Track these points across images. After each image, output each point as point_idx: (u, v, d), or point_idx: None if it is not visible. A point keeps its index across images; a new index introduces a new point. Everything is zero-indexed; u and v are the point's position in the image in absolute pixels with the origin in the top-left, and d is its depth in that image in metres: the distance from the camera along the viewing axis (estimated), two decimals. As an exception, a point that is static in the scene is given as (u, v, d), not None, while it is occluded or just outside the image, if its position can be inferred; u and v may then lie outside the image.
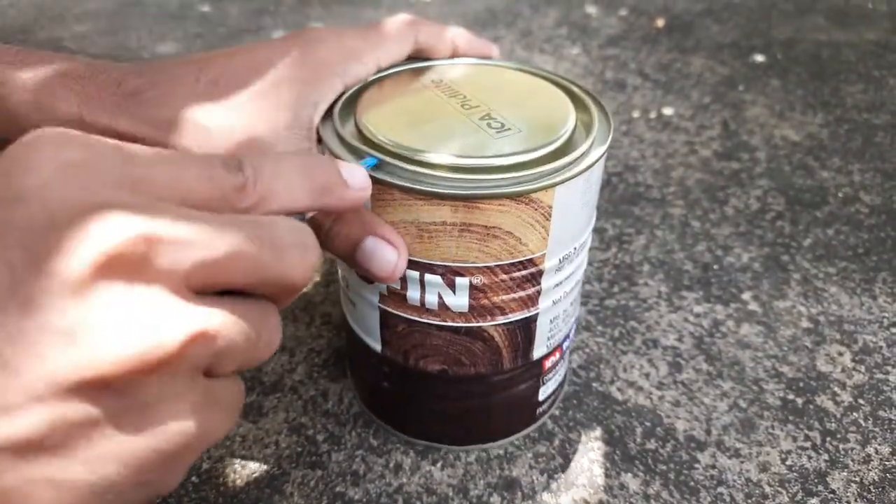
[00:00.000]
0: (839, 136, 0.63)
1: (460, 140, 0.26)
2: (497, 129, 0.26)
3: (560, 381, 0.35)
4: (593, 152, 0.26)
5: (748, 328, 0.42)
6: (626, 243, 0.49)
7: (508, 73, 0.32)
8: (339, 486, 0.32)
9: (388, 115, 0.27)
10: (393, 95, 0.30)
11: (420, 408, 0.33)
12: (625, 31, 0.89)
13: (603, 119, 0.28)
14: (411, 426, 0.34)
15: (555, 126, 0.27)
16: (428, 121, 0.27)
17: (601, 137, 0.27)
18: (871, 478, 0.33)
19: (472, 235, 0.25)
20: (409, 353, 0.30)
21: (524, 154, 0.25)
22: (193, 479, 0.32)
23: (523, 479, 0.33)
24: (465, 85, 0.30)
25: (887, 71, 0.77)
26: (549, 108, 0.29)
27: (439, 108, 0.28)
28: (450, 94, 0.29)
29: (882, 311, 0.43)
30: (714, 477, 0.33)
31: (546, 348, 0.31)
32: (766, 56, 0.81)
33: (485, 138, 0.26)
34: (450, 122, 0.27)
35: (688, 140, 0.63)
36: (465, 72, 0.32)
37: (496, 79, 0.32)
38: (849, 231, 0.50)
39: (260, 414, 0.36)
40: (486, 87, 0.30)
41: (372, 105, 0.28)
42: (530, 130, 0.27)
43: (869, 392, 0.37)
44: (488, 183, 0.24)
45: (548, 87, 0.31)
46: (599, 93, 0.72)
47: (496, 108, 0.28)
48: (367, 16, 0.93)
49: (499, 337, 0.29)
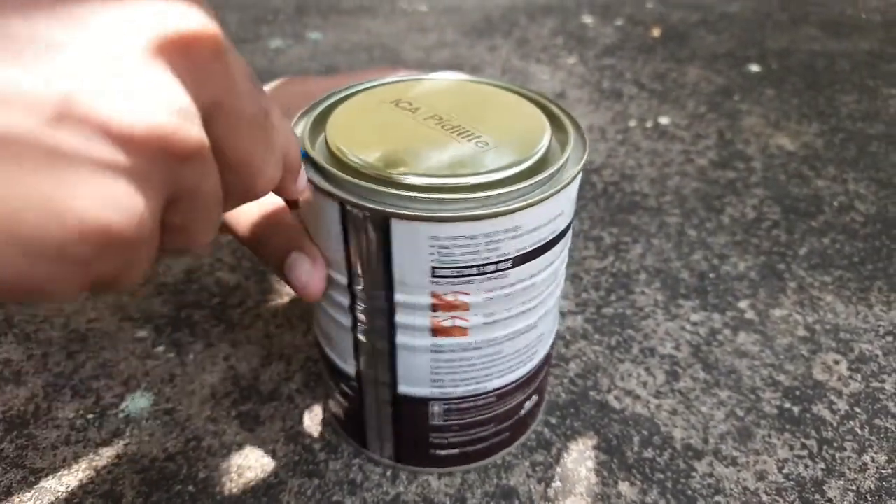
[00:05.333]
0: (834, 146, 0.64)
1: (430, 157, 0.25)
2: (471, 146, 0.26)
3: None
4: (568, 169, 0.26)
5: (745, 337, 0.42)
6: (623, 252, 0.49)
7: (483, 89, 0.31)
8: (336, 496, 0.32)
9: (359, 134, 0.27)
10: (364, 113, 0.28)
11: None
12: (621, 41, 0.89)
13: (578, 139, 0.27)
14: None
15: (530, 143, 0.26)
16: (399, 139, 0.26)
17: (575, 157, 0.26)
18: (868, 486, 0.33)
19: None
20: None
21: (495, 172, 0.24)
22: (190, 487, 0.32)
23: (521, 489, 0.32)
24: (437, 101, 0.29)
25: (881, 80, 0.77)
26: (524, 125, 0.27)
27: (409, 125, 0.27)
28: (420, 110, 0.28)
29: (878, 320, 0.43)
30: (711, 486, 0.33)
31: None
32: (762, 66, 0.82)
33: (457, 155, 0.25)
34: (420, 139, 0.26)
35: (684, 149, 0.63)
36: (436, 87, 0.31)
37: (470, 96, 0.30)
38: (844, 240, 0.51)
39: (257, 423, 0.36)
40: (460, 104, 0.29)
41: (341, 123, 0.27)
42: (503, 147, 0.26)
43: (865, 401, 0.37)
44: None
45: (523, 103, 0.29)
46: (596, 102, 0.72)
47: (470, 125, 0.27)
48: (364, 25, 0.93)
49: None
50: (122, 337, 0.41)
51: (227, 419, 0.36)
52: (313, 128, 0.28)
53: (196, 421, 0.36)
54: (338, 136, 0.26)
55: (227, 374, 0.38)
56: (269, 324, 0.42)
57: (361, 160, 0.25)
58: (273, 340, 0.41)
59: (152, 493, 0.32)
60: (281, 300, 0.44)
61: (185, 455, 0.34)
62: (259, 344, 0.40)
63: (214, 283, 0.45)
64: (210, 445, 0.34)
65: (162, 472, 0.33)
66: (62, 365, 0.39)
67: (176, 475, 0.33)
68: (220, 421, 0.36)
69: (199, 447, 0.34)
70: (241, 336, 0.41)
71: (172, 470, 0.33)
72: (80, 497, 0.32)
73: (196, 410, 0.36)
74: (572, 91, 0.75)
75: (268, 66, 0.80)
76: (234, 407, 0.36)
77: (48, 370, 0.38)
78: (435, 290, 0.26)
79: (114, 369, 0.39)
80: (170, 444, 0.34)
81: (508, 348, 0.29)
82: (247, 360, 0.39)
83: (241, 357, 0.40)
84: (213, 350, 0.40)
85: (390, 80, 0.31)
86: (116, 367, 0.39)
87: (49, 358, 0.39)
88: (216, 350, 0.40)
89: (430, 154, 0.25)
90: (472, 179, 0.24)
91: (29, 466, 0.33)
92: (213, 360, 0.39)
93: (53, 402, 0.37)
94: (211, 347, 0.40)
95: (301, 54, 0.83)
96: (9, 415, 0.36)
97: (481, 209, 0.23)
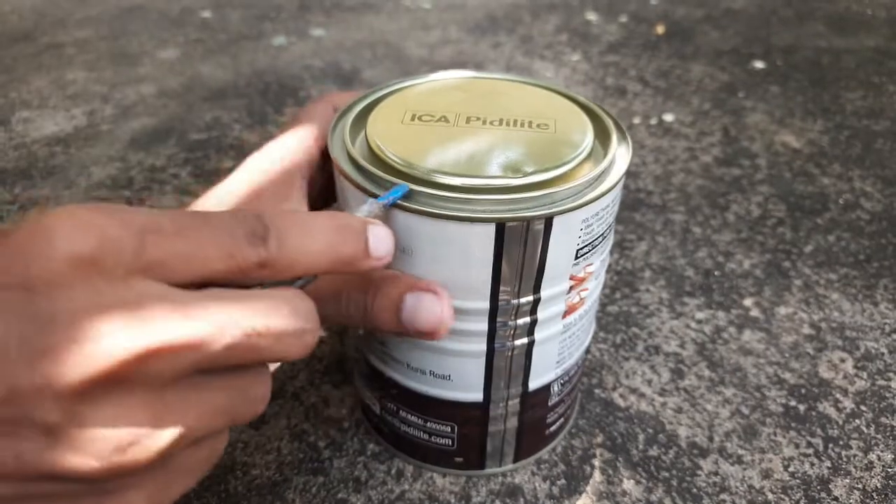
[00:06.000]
0: (839, 143, 0.63)
1: (487, 158, 0.25)
2: (538, 134, 0.26)
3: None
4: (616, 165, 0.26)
5: (750, 335, 0.42)
6: (628, 249, 0.49)
7: (512, 86, 0.31)
8: (340, 493, 0.32)
9: (405, 138, 0.26)
10: (404, 117, 0.28)
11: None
12: (625, 38, 0.89)
13: (621, 136, 0.28)
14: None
15: (577, 140, 0.26)
16: (445, 140, 0.26)
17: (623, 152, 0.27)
18: (874, 485, 0.33)
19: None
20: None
21: (552, 170, 0.24)
22: (195, 485, 0.32)
23: (526, 487, 0.32)
24: (478, 100, 0.29)
25: (887, 77, 0.77)
26: (566, 122, 0.28)
27: (453, 126, 0.27)
28: (444, 116, 0.28)
29: (884, 318, 0.43)
30: (717, 484, 0.33)
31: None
32: (766, 63, 0.81)
33: (508, 155, 0.25)
34: (468, 140, 0.26)
35: (688, 146, 0.63)
36: (436, 89, 0.31)
37: (508, 93, 0.30)
38: (850, 237, 0.50)
39: (261, 420, 0.36)
40: (498, 103, 0.29)
41: (382, 126, 0.27)
42: (551, 145, 0.26)
43: (871, 399, 0.37)
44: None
45: (562, 102, 0.30)
46: (600, 99, 0.72)
47: (511, 123, 0.27)
48: (367, 22, 0.93)
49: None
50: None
51: (231, 417, 0.36)
52: (409, 174, 0.25)
53: (201, 418, 0.36)
54: (435, 166, 0.24)
55: (231, 371, 0.38)
56: (274, 321, 0.42)
57: (481, 179, 0.24)
58: (277, 338, 0.41)
59: (157, 490, 0.32)
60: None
61: (190, 452, 0.34)
62: (263, 341, 0.40)
63: (219, 280, 0.45)
64: (215, 443, 0.34)
65: (167, 470, 0.33)
66: (67, 362, 0.39)
67: (181, 472, 0.33)
68: (224, 418, 0.36)
69: (204, 444, 0.34)
70: (246, 333, 0.41)
71: (177, 467, 0.33)
72: (86, 494, 0.32)
73: (201, 408, 0.36)
74: (576, 88, 0.74)
75: (271, 62, 0.80)
76: (238, 404, 0.36)
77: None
78: (574, 272, 0.27)
79: (119, 367, 0.39)
80: (175, 441, 0.34)
81: (595, 304, 0.31)
82: (251, 357, 0.39)
83: (246, 354, 0.40)
84: (217, 347, 0.40)
85: (386, 90, 0.31)
86: (121, 365, 0.39)
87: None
88: (221, 347, 0.40)
89: (524, 151, 0.26)
90: (579, 158, 0.25)
91: (34, 463, 0.33)
92: (218, 357, 0.39)
93: (59, 399, 0.37)
94: (215, 345, 0.40)
95: (304, 51, 0.83)
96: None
97: (604, 183, 0.25)
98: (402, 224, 0.24)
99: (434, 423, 0.31)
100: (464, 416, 0.30)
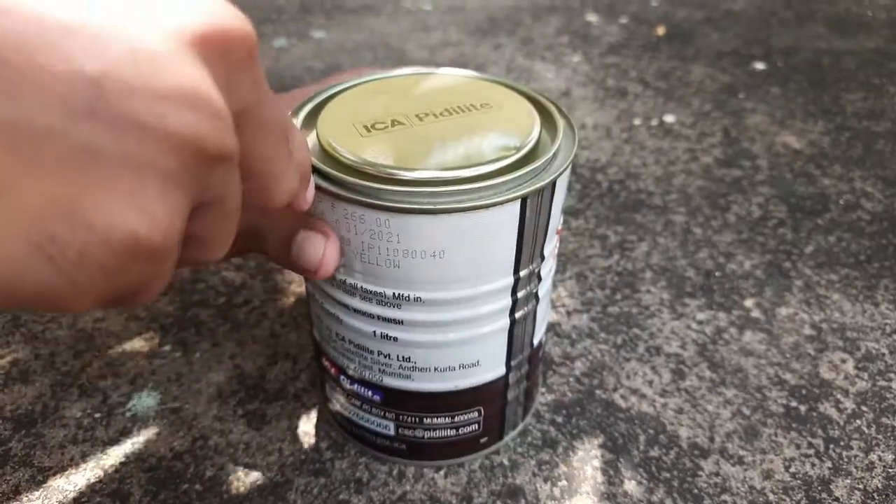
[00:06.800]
0: (840, 144, 0.64)
1: (477, 144, 0.25)
2: (463, 138, 0.26)
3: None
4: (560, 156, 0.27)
5: (751, 335, 0.42)
6: (628, 250, 0.49)
7: (418, 79, 0.31)
8: (342, 494, 0.32)
9: (384, 149, 0.25)
10: (353, 110, 0.28)
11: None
12: (625, 39, 0.89)
13: (567, 128, 0.28)
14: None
15: (522, 132, 0.26)
16: (421, 142, 0.26)
17: (567, 145, 0.27)
18: (875, 485, 0.33)
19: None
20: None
21: (534, 139, 0.26)
22: (197, 486, 0.32)
23: (527, 487, 0.32)
24: (424, 95, 0.29)
25: (887, 79, 0.77)
26: (498, 99, 0.29)
27: (412, 126, 0.27)
28: (406, 104, 0.28)
29: (884, 319, 0.43)
30: (718, 484, 0.33)
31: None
32: (767, 64, 0.81)
33: (489, 136, 0.26)
34: (441, 134, 0.26)
35: (689, 147, 0.63)
36: (427, 83, 0.31)
37: (455, 88, 0.30)
38: (850, 238, 0.51)
39: (263, 422, 0.36)
40: (423, 96, 0.29)
41: (332, 121, 0.27)
42: (511, 119, 0.27)
43: (872, 399, 0.37)
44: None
45: (471, 83, 0.30)
46: (601, 100, 0.72)
47: (458, 117, 0.27)
48: (368, 24, 0.93)
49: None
50: (128, 336, 0.41)
51: (233, 418, 0.36)
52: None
53: (203, 420, 0.36)
54: (440, 166, 0.24)
55: (233, 372, 0.39)
56: (275, 323, 0.42)
57: (493, 164, 0.24)
58: (279, 339, 0.41)
59: (160, 491, 0.32)
60: (287, 299, 0.44)
61: (192, 454, 0.34)
62: (265, 343, 0.41)
63: (220, 282, 0.45)
64: (217, 444, 0.34)
65: (169, 471, 0.33)
66: (69, 364, 0.39)
67: (183, 474, 0.33)
68: (226, 420, 0.36)
69: (206, 446, 0.34)
70: (247, 335, 0.41)
71: (179, 469, 0.33)
72: (88, 496, 0.32)
73: (203, 409, 0.36)
74: (577, 89, 0.74)
75: (272, 65, 0.80)
76: (240, 406, 0.37)
77: (55, 369, 0.39)
78: (559, 226, 0.29)
79: (120, 368, 0.39)
80: (177, 442, 0.34)
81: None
82: (253, 358, 0.40)
83: (248, 356, 0.40)
84: (219, 349, 0.40)
85: (375, 77, 0.31)
86: (123, 366, 0.39)
87: (56, 357, 0.39)
88: (222, 349, 0.40)
89: (498, 129, 0.27)
90: (540, 125, 0.27)
91: (37, 465, 0.33)
92: (220, 359, 0.39)
93: (61, 401, 0.37)
94: (217, 346, 0.40)
95: (305, 53, 0.84)
96: (17, 414, 0.36)
97: (574, 137, 0.27)
98: (436, 229, 0.24)
99: (462, 414, 0.31)
100: (488, 395, 0.31)
